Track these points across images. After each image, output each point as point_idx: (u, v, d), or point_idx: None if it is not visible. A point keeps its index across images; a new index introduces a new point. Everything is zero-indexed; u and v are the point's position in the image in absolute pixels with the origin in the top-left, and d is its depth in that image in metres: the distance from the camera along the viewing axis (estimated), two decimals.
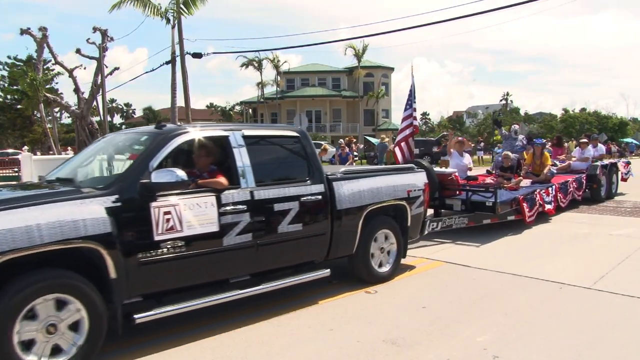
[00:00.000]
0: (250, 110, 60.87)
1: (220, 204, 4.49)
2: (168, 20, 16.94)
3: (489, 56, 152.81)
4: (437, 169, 9.26)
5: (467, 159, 10.90)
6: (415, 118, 9.57)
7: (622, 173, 14.52)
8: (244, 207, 4.60)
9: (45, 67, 32.67)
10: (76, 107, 27.21)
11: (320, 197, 5.25)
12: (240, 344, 4.27)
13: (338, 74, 58.14)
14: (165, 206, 4.14)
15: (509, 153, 11.35)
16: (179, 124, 7.20)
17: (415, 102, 9.51)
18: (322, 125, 55.40)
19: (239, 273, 4.78)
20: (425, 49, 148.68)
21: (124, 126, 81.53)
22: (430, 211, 8.63)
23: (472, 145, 19.31)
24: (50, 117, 34.43)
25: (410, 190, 6.32)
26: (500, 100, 79.20)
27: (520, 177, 10.50)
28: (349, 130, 52.63)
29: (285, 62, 53.96)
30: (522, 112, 74.71)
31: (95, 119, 27.57)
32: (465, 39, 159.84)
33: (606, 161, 13.54)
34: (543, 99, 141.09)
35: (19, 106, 46.11)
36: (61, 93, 44.56)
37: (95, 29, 25.06)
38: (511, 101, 78.81)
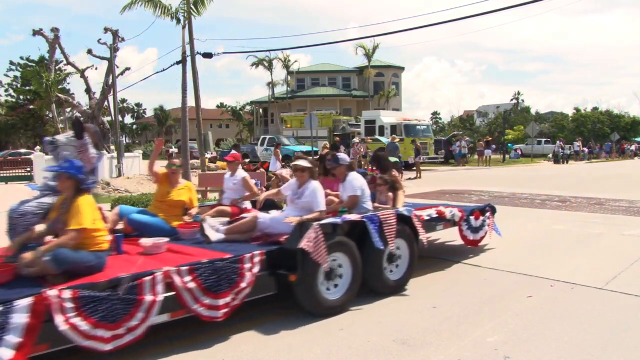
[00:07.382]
0: (260, 110, 60.99)
1: None
2: (178, 21, 17.02)
3: (500, 55, 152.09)
4: None
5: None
6: None
7: (463, 231, 7.09)
8: None
9: (57, 67, 32.97)
10: (87, 107, 27.44)
11: None
12: (251, 343, 4.28)
13: (348, 74, 57.99)
14: None
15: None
16: None
17: None
18: None
19: None
20: (436, 48, 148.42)
21: (134, 126, 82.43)
22: None
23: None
24: (62, 117, 34.73)
25: None
26: (511, 100, 78.75)
27: None
28: None
29: (296, 61, 54.01)
30: (532, 112, 74.40)
31: (107, 119, 27.74)
32: (476, 38, 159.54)
33: (368, 214, 5.39)
34: (554, 98, 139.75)
35: (31, 106, 46.57)
36: (73, 93, 45.07)
37: (106, 30, 25.20)
38: (522, 100, 78.32)
